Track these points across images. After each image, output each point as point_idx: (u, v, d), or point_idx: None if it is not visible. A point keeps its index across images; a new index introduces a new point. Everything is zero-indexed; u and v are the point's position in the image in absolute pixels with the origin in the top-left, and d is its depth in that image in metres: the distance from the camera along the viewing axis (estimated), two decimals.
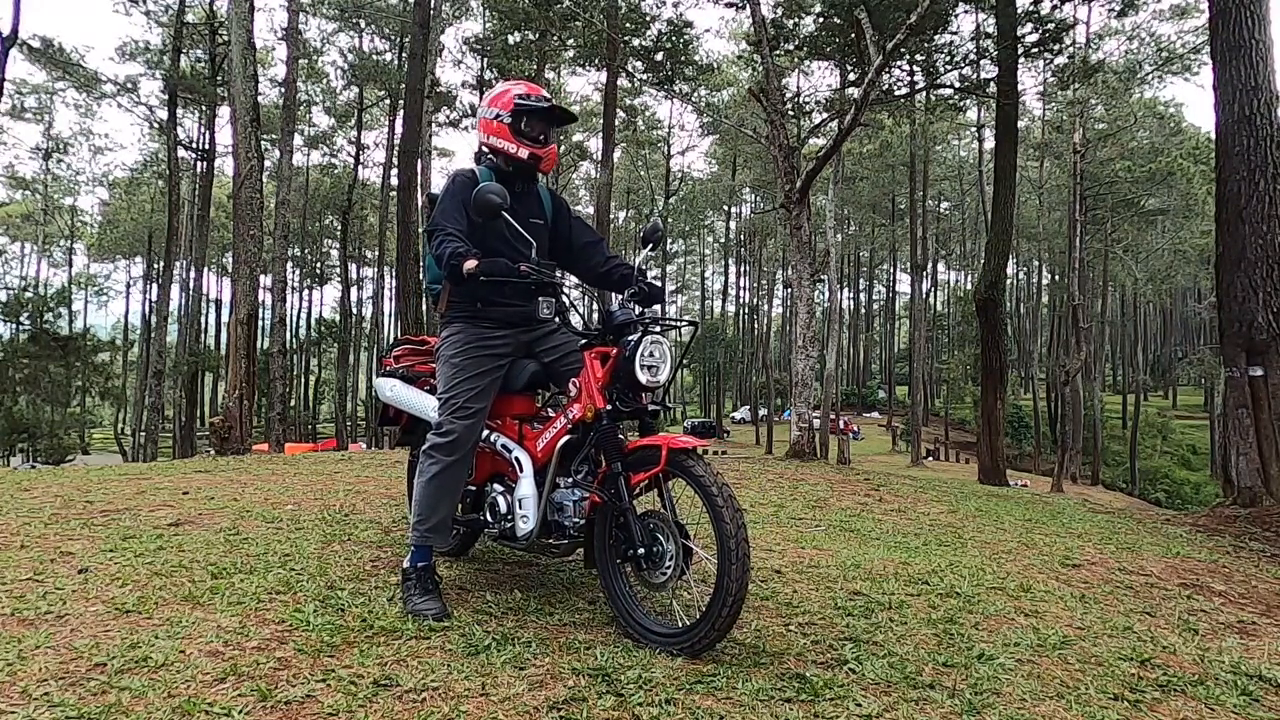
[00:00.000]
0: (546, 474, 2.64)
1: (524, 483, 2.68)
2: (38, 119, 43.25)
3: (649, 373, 2.52)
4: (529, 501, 2.64)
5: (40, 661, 2.00)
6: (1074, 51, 20.04)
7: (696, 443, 2.38)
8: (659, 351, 2.54)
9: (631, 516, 2.43)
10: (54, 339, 28.75)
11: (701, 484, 2.29)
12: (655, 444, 2.42)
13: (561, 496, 2.63)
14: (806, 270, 11.08)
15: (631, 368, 2.49)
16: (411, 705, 1.90)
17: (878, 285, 67.76)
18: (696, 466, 2.33)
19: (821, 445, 24.18)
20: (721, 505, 2.23)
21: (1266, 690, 2.44)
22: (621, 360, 2.53)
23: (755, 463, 9.64)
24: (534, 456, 2.71)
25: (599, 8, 19.63)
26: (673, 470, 2.39)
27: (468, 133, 44.38)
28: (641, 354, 2.50)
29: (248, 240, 11.00)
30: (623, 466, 2.47)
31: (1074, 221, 27.83)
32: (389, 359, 3.39)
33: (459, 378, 2.72)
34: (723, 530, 2.21)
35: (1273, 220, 6.88)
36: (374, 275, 50.58)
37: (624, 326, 2.58)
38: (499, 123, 2.84)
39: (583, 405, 2.58)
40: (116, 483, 4.97)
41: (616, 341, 2.58)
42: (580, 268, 3.03)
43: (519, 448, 2.76)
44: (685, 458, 2.36)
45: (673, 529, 2.38)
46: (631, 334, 2.55)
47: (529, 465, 2.70)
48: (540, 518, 2.62)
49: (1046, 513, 6.45)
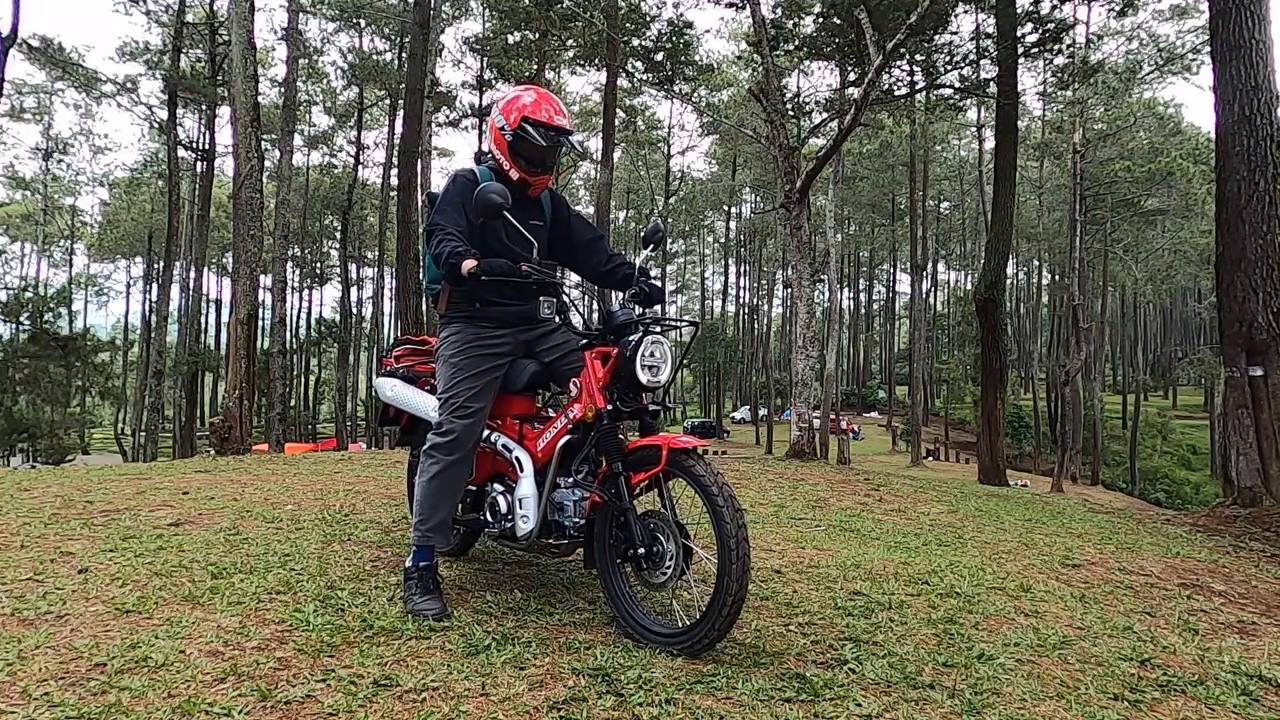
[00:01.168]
0: (547, 474, 2.64)
1: (524, 482, 2.68)
2: (37, 119, 43.28)
3: (650, 373, 2.52)
4: (529, 501, 2.64)
5: (40, 661, 2.00)
6: (1074, 51, 20.02)
7: (697, 443, 2.38)
8: (659, 351, 2.54)
9: (632, 516, 2.43)
10: (54, 339, 28.73)
11: (702, 484, 2.29)
12: (656, 444, 2.42)
13: (562, 496, 2.63)
14: (806, 270, 11.09)
15: (632, 368, 2.49)
16: (411, 705, 1.90)
17: (878, 285, 67.81)
18: (697, 466, 2.33)
19: (821, 445, 24.18)
20: (722, 505, 2.23)
21: (1266, 690, 2.44)
22: (622, 360, 2.53)
23: (755, 463, 9.64)
24: (534, 456, 2.71)
25: (599, 8, 19.63)
26: (673, 470, 2.39)
27: (468, 133, 44.40)
28: (642, 354, 2.50)
29: (248, 240, 11.00)
30: (623, 466, 2.47)
31: (1074, 221, 27.84)
32: (389, 359, 3.39)
33: (459, 377, 2.72)
34: (723, 530, 2.21)
35: (1273, 220, 6.87)
36: (374, 275, 50.61)
37: (625, 326, 2.57)
38: (501, 135, 2.81)
39: (583, 405, 2.58)
40: (116, 483, 4.97)
41: (617, 342, 2.58)
42: (583, 266, 3.02)
43: (519, 447, 2.76)
44: (686, 458, 2.36)
45: (673, 529, 2.38)
46: (632, 334, 2.55)
47: (529, 465, 2.70)
48: (540, 517, 2.63)
49: (1046, 513, 6.45)
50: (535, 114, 2.75)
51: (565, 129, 2.77)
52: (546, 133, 2.75)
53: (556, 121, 2.76)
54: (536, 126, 2.74)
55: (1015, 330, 52.31)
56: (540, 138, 2.75)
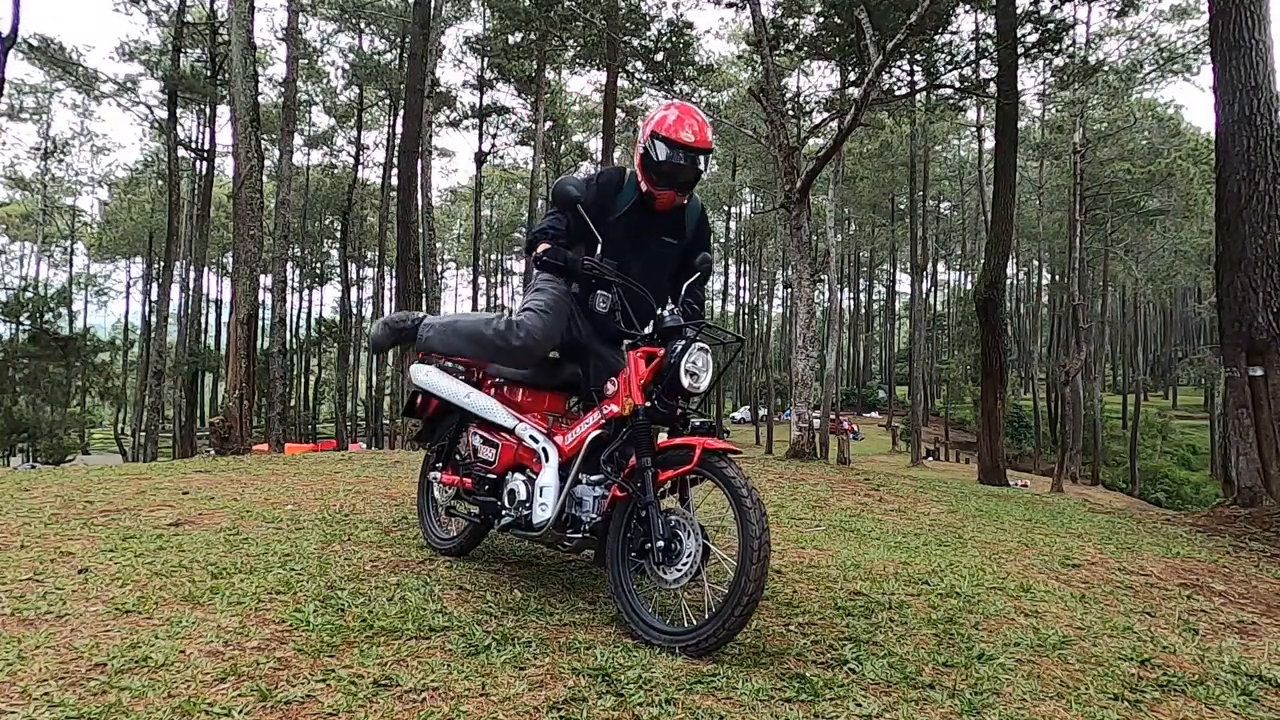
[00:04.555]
0: (572, 467, 2.68)
1: (547, 472, 2.72)
2: (36, 119, 43.29)
3: (692, 379, 2.57)
4: (550, 491, 2.68)
5: (40, 661, 2.00)
6: (1074, 51, 20.03)
7: (729, 446, 2.44)
8: (703, 360, 2.61)
9: (654, 510, 2.45)
10: (54, 339, 28.73)
11: (732, 485, 2.33)
12: (689, 444, 2.46)
13: (582, 491, 2.68)
14: (806, 270, 11.09)
15: (677, 371, 2.55)
16: (411, 705, 1.90)
17: (878, 285, 67.77)
18: (729, 468, 2.37)
19: (821, 445, 24.19)
20: (750, 507, 2.27)
21: (1266, 690, 2.44)
22: (667, 363, 2.58)
23: (755, 463, 9.64)
24: (561, 450, 2.76)
25: (599, 8, 19.65)
26: (704, 470, 2.43)
27: (468, 133, 44.39)
28: (688, 359, 2.56)
29: (248, 240, 11.00)
30: (652, 462, 2.50)
31: (1074, 221, 27.83)
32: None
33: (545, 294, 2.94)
34: (748, 531, 2.24)
35: (1273, 220, 6.87)
36: (374, 275, 50.62)
37: (673, 330, 2.64)
38: (641, 147, 2.91)
39: (621, 401, 2.63)
40: (116, 483, 4.96)
41: (664, 344, 2.64)
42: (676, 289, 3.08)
43: (546, 439, 2.81)
44: (718, 459, 2.40)
45: (695, 527, 2.42)
46: (679, 339, 2.62)
47: (554, 456, 2.74)
48: (559, 508, 2.65)
49: (1046, 513, 6.45)
50: (664, 130, 2.80)
51: (692, 146, 2.78)
52: (673, 149, 2.79)
53: (683, 138, 2.78)
54: (665, 142, 2.79)
55: (1015, 330, 52.34)
56: (663, 154, 2.80)
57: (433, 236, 19.74)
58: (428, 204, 19.79)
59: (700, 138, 2.79)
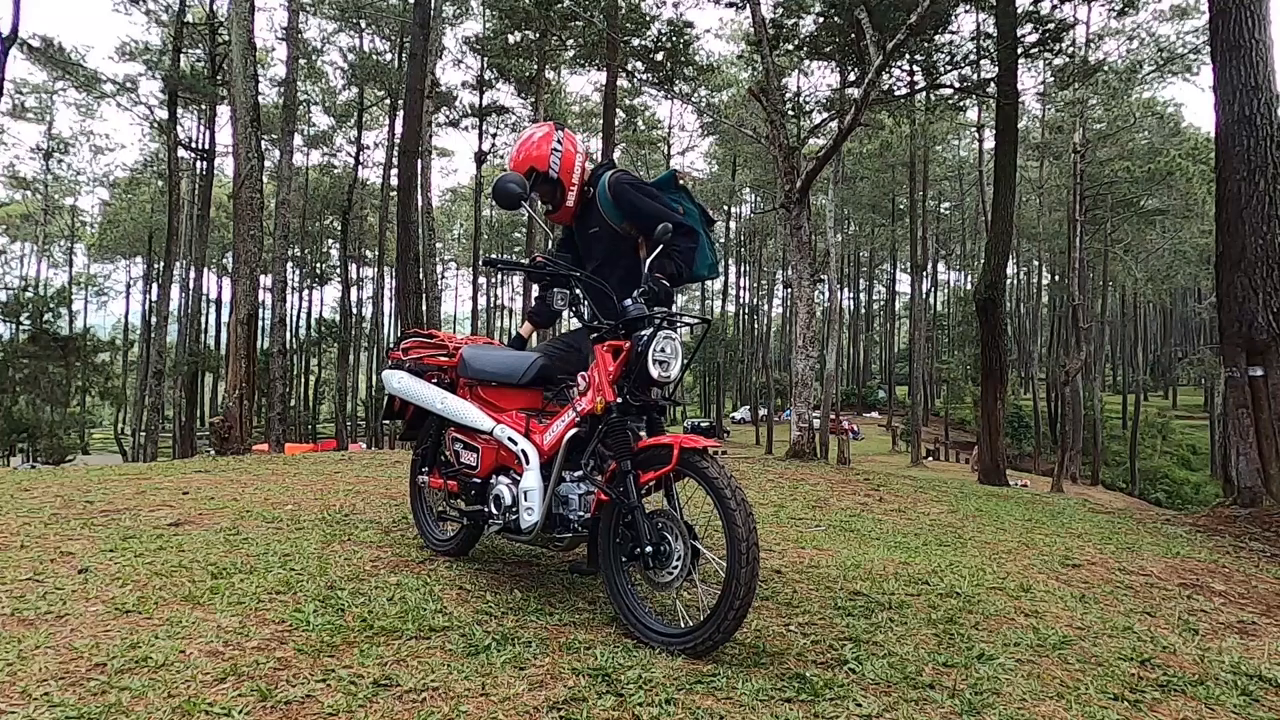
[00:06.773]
0: (553, 467, 2.65)
1: (529, 475, 2.68)
2: (38, 119, 43.29)
3: (661, 368, 2.52)
4: (534, 494, 2.65)
5: (40, 661, 2.00)
6: (1074, 51, 20.04)
7: (708, 443, 2.38)
8: (670, 347, 2.55)
9: (640, 515, 2.42)
10: (54, 339, 28.75)
11: (714, 485, 2.28)
12: (667, 443, 2.41)
13: (567, 490, 2.65)
14: (806, 270, 11.09)
15: (644, 362, 2.50)
16: (411, 705, 1.90)
17: (878, 285, 67.78)
18: (710, 467, 2.32)
19: (821, 445, 24.19)
20: (734, 507, 2.22)
21: (1266, 690, 2.44)
22: (634, 354, 2.53)
23: (755, 463, 9.63)
24: (540, 449, 2.73)
25: (599, 8, 19.65)
26: (684, 470, 2.38)
27: (468, 133, 44.37)
28: (654, 348, 2.50)
29: (248, 240, 10.99)
30: (632, 464, 2.47)
31: (1074, 221, 27.81)
32: (397, 351, 3.42)
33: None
34: (734, 533, 2.20)
35: (1273, 220, 6.87)
36: (374, 275, 50.63)
37: (638, 321, 2.57)
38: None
39: (592, 398, 2.58)
40: (116, 483, 4.96)
41: (629, 335, 2.58)
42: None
43: (525, 440, 2.77)
44: (698, 458, 2.35)
45: (682, 529, 2.38)
46: (645, 328, 2.55)
47: (535, 458, 2.71)
48: (545, 510, 2.63)
49: (1046, 513, 6.45)
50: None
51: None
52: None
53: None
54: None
55: (1015, 330, 52.27)
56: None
57: (433, 236, 19.73)
58: (428, 204, 19.79)
59: (512, 163, 3.22)
